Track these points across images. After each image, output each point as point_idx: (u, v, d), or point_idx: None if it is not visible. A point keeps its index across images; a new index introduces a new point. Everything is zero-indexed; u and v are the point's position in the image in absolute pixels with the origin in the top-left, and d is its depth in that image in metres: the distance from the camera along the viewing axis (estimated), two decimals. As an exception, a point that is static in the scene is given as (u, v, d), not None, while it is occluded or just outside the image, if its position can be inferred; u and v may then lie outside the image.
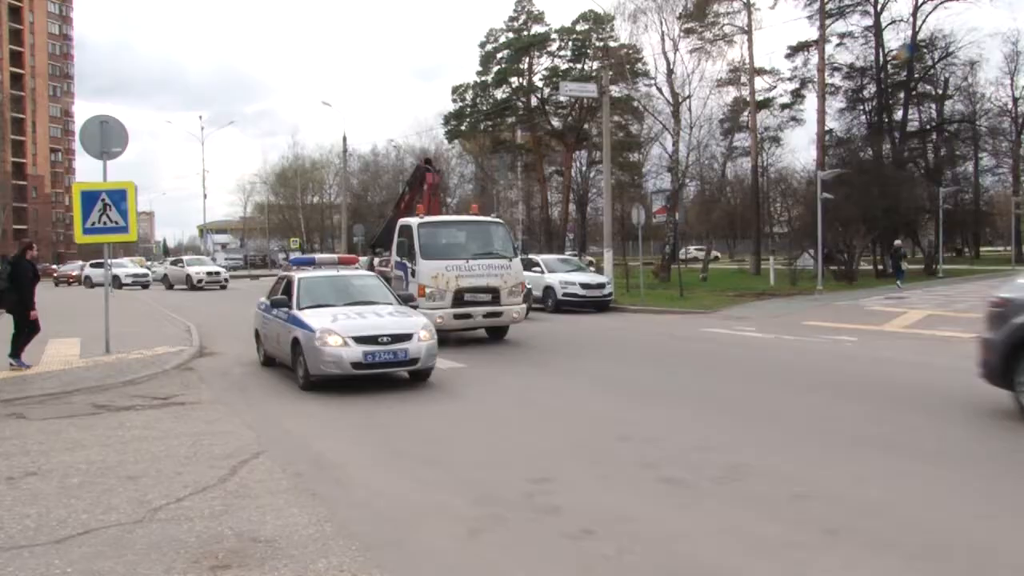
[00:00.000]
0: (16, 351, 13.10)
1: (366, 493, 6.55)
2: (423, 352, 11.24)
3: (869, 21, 46.28)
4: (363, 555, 5.15)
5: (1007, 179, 59.89)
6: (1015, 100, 56.85)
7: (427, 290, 15.64)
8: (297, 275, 13.01)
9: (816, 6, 45.01)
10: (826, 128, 45.89)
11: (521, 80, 61.24)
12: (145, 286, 44.97)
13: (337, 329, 11.00)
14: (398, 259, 16.98)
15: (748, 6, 45.64)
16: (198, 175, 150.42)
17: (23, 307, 12.96)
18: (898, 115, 48.26)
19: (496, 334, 17.34)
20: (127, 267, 48.04)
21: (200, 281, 42.49)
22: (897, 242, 36.31)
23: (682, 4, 46.42)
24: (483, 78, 62.45)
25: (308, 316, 11.59)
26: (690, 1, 46.46)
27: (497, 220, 18.93)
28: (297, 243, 74.66)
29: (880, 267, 41.48)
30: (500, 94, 62.08)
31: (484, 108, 62.68)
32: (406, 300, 13.14)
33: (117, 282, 41.44)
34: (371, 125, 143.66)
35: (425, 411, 10.04)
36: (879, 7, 45.46)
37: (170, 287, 44.07)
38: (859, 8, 46.57)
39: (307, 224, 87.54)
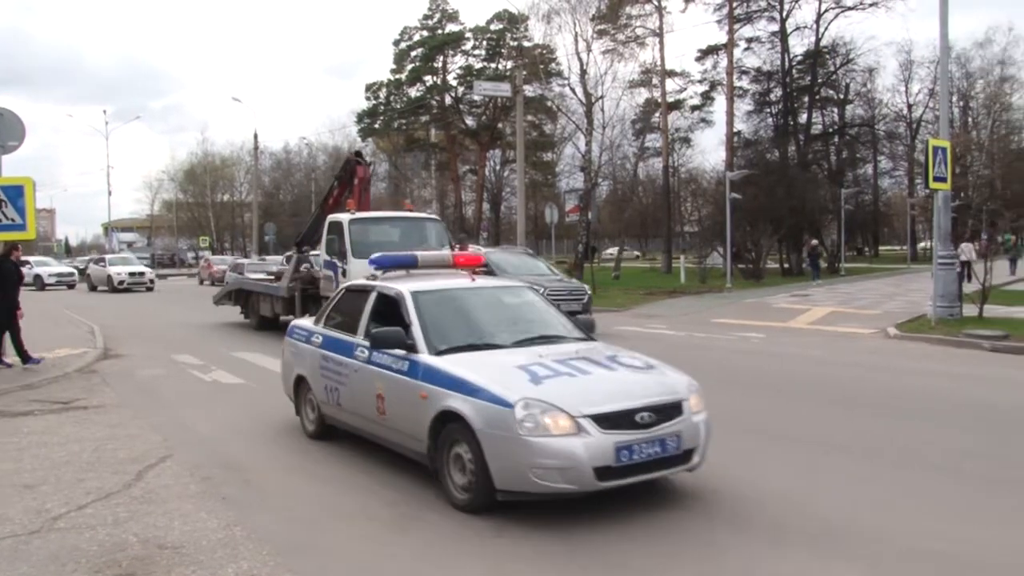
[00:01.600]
0: (19, 348, 13.02)
1: (279, 496, 6.43)
2: (700, 436, 6.13)
3: (775, 27, 47.63)
4: (274, 559, 5.06)
5: (903, 181, 62.39)
6: (909, 106, 59.34)
7: None
8: (402, 288, 7.33)
9: (725, 11, 46.11)
10: (734, 130, 47.10)
11: (435, 79, 61.12)
12: (71, 286, 41.51)
13: (556, 400, 5.70)
14: (327, 258, 16.04)
15: (659, 9, 46.49)
16: (102, 171, 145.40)
17: (9, 308, 12.80)
18: (803, 118, 49.76)
19: None
20: (51, 266, 44.46)
21: (122, 282, 38.06)
22: (814, 242, 37.47)
23: (595, 6, 47.04)
24: (397, 76, 62.12)
25: (467, 369, 6.17)
26: (603, 3, 47.05)
27: (433, 216, 18.11)
28: (207, 242, 72.89)
29: (786, 265, 42.72)
30: (414, 92, 61.84)
31: (398, 106, 62.34)
32: (584, 327, 7.84)
33: (40, 282, 38.67)
34: (283, 122, 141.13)
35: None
36: (784, 14, 46.83)
37: (93, 288, 40.04)
38: (766, 14, 47.92)
39: (217, 222, 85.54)
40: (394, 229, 16.54)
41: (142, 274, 39.74)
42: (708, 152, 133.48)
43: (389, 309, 7.26)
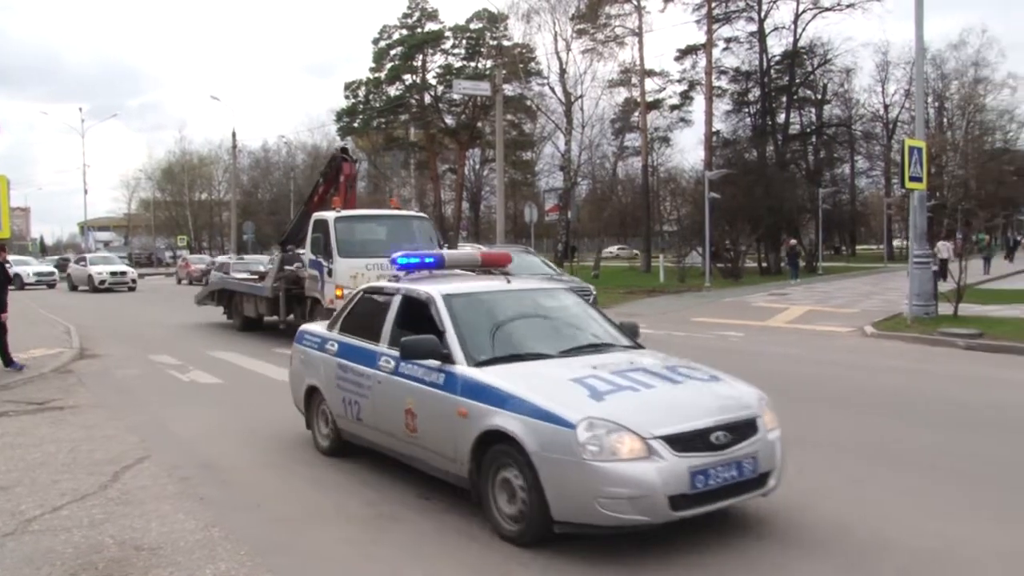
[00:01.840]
0: (7, 355, 12.71)
1: (257, 496, 6.40)
2: (776, 457, 5.55)
3: (753, 27, 47.90)
4: (252, 559, 5.03)
5: (880, 181, 62.89)
6: (886, 107, 59.78)
7: (346, 291, 13.78)
8: (432, 290, 6.57)
9: (704, 11, 46.30)
10: (713, 129, 47.30)
11: (415, 78, 60.91)
12: (51, 285, 40.81)
13: (623, 419, 5.06)
14: (313, 257, 15.50)
15: (639, 9, 46.66)
16: (78, 170, 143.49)
17: None
18: (781, 118, 50.09)
19: None
20: (31, 264, 43.72)
21: (103, 282, 36.88)
22: (792, 241, 37.74)
23: (575, 5, 47.21)
24: (376, 75, 61.85)
25: (516, 383, 5.47)
26: (583, 2, 47.16)
27: (420, 215, 17.64)
28: (185, 241, 72.40)
29: (764, 264, 42.98)
30: (393, 91, 61.60)
31: (377, 105, 62.10)
32: (630, 332, 7.01)
33: (19, 281, 36.82)
34: (262, 121, 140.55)
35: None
36: (762, 14, 47.12)
37: (73, 288, 38.83)
38: (744, 14, 48.18)
39: (195, 221, 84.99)
40: (381, 227, 16.14)
41: (124, 273, 38.62)
42: (687, 151, 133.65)
43: (416, 314, 6.55)
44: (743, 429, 5.32)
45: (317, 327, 8.11)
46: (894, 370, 12.40)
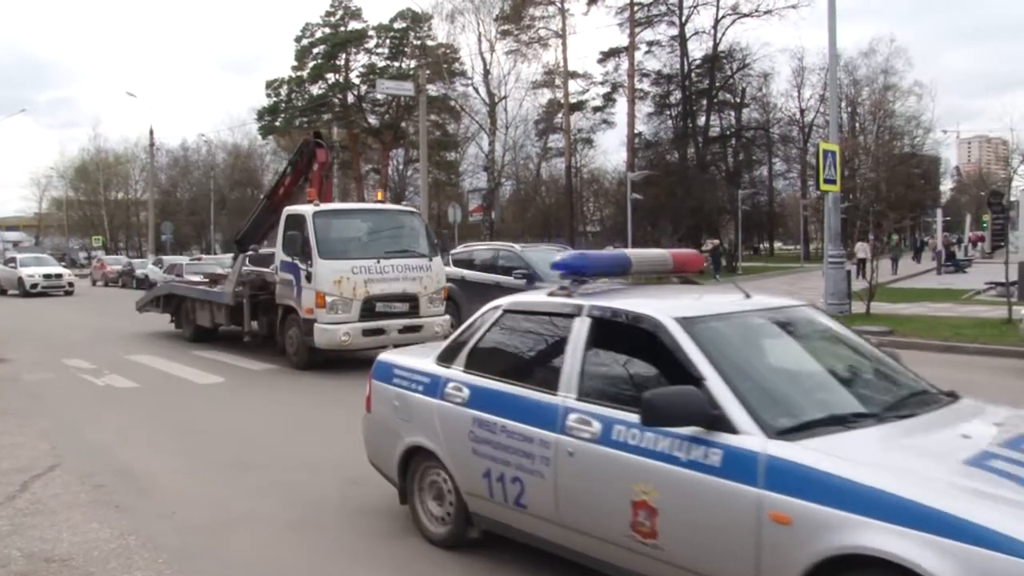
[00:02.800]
0: None
1: (174, 502, 6.25)
2: None
3: (675, 31, 48.79)
4: (171, 567, 4.92)
5: (796, 183, 64.61)
6: (802, 111, 61.49)
7: (328, 299, 12.24)
8: (652, 310, 4.35)
9: (626, 15, 46.97)
10: (636, 131, 48.06)
11: (338, 76, 60.42)
12: None
13: None
14: (287, 259, 13.22)
15: (562, 11, 47.10)
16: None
17: None
18: (701, 121, 51.12)
19: None
20: None
21: (35, 286, 33.23)
22: (716, 241, 38.50)
23: (499, 6, 47.34)
24: (299, 73, 61.19)
25: (880, 472, 3.30)
26: (507, 3, 47.34)
27: (411, 209, 15.73)
28: (101, 241, 70.34)
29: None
30: (316, 90, 61.03)
31: (300, 104, 61.42)
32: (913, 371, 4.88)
33: None
34: (180, 119, 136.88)
35: (238, 416, 9.70)
36: (683, 19, 48.03)
37: (2, 292, 34.95)
38: (666, 18, 49.06)
39: (111, 221, 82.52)
40: (367, 224, 14.09)
41: (59, 276, 34.81)
42: (610, 153, 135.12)
43: (622, 347, 4.54)
44: None
45: (416, 359, 5.68)
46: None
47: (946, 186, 76.52)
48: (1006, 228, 27.71)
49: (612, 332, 4.50)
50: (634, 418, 3.91)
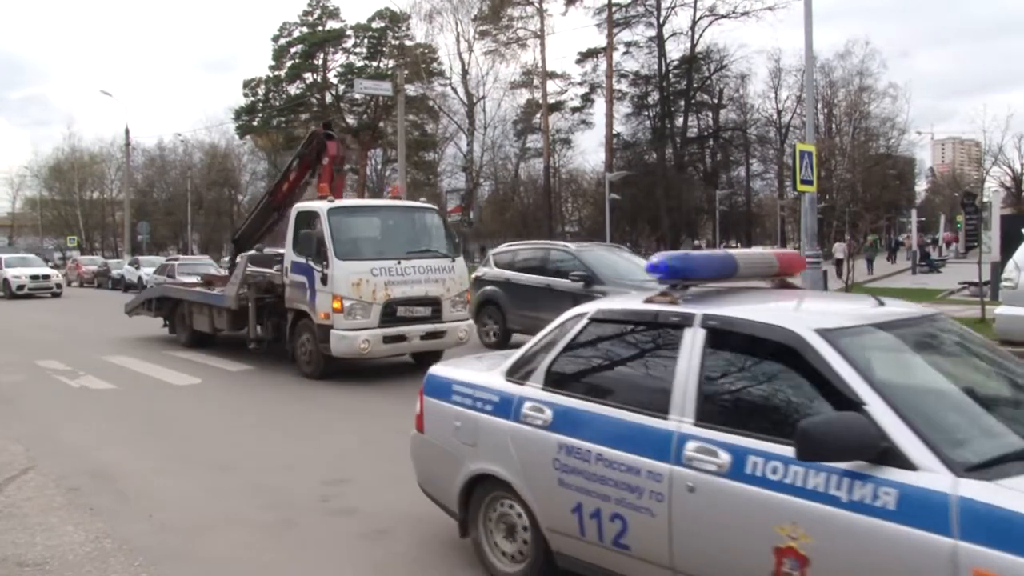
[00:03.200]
0: None
1: (151, 504, 6.21)
2: None
3: (653, 32, 49.03)
4: (147, 570, 4.89)
5: (774, 183, 64.95)
6: (779, 112, 61.83)
7: (345, 303, 11.23)
8: (787, 321, 3.70)
9: (604, 15, 47.12)
10: (614, 132, 48.21)
11: (315, 76, 60.24)
12: None
13: None
14: (299, 259, 12.14)
15: (540, 12, 47.16)
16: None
17: None
18: (679, 122, 51.37)
19: (426, 360, 11.78)
20: None
21: (21, 287, 31.57)
22: (697, 242, 38.69)
23: (477, 6, 47.33)
24: (276, 73, 60.96)
25: None
26: (485, 4, 47.34)
27: (430, 206, 14.60)
28: (76, 241, 69.67)
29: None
30: (294, 90, 60.82)
31: (277, 103, 61.16)
32: None
33: None
34: (156, 118, 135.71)
35: (215, 417, 9.65)
36: (661, 20, 48.21)
37: None
38: (644, 20, 49.27)
39: (87, 221, 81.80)
40: (386, 222, 13.03)
41: (47, 277, 32.90)
42: (588, 153, 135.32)
43: (749, 364, 3.89)
44: None
45: (477, 374, 4.96)
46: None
47: (921, 187, 77.27)
48: (979, 228, 28.03)
49: (734, 346, 3.87)
50: (773, 448, 3.38)
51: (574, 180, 56.14)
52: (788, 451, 3.24)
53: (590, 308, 4.59)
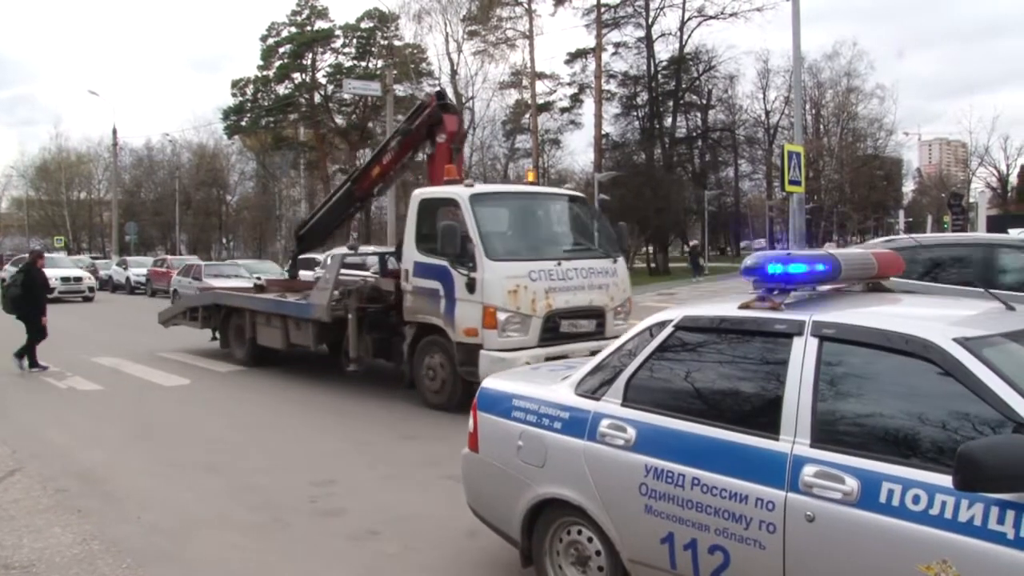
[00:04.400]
0: (30, 354, 13.15)
1: (139, 506, 6.20)
2: None
3: (641, 33, 48.96)
4: (135, 572, 4.89)
5: (762, 184, 65.17)
6: (767, 112, 62.13)
7: (500, 315, 8.96)
8: (921, 330, 3.25)
9: (593, 16, 47.10)
10: (603, 132, 48.12)
11: (304, 76, 59.98)
12: None
13: None
14: (427, 260, 9.76)
15: (529, 12, 47.04)
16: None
17: (38, 313, 13.15)
18: (668, 122, 51.31)
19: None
20: None
21: (52, 290, 27.92)
22: (694, 242, 38.83)
23: (466, 7, 47.27)
24: (265, 73, 60.61)
25: None
26: (474, 4, 47.31)
27: (578, 194, 12.13)
28: (63, 241, 69.30)
29: (653, 265, 43.99)
30: (283, 90, 60.51)
31: (266, 104, 60.87)
32: None
33: None
34: (144, 118, 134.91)
35: (203, 418, 9.61)
36: (650, 20, 48.22)
37: None
38: (632, 20, 49.23)
39: (74, 222, 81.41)
40: (539, 213, 10.75)
41: (79, 280, 29.21)
42: (577, 154, 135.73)
43: (873, 377, 3.39)
44: None
45: (540, 388, 4.50)
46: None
47: (908, 187, 77.51)
48: (965, 229, 28.24)
49: (855, 357, 3.42)
50: (911, 474, 2.98)
51: (563, 180, 56.07)
52: (930, 477, 2.91)
53: (674, 315, 4.14)
